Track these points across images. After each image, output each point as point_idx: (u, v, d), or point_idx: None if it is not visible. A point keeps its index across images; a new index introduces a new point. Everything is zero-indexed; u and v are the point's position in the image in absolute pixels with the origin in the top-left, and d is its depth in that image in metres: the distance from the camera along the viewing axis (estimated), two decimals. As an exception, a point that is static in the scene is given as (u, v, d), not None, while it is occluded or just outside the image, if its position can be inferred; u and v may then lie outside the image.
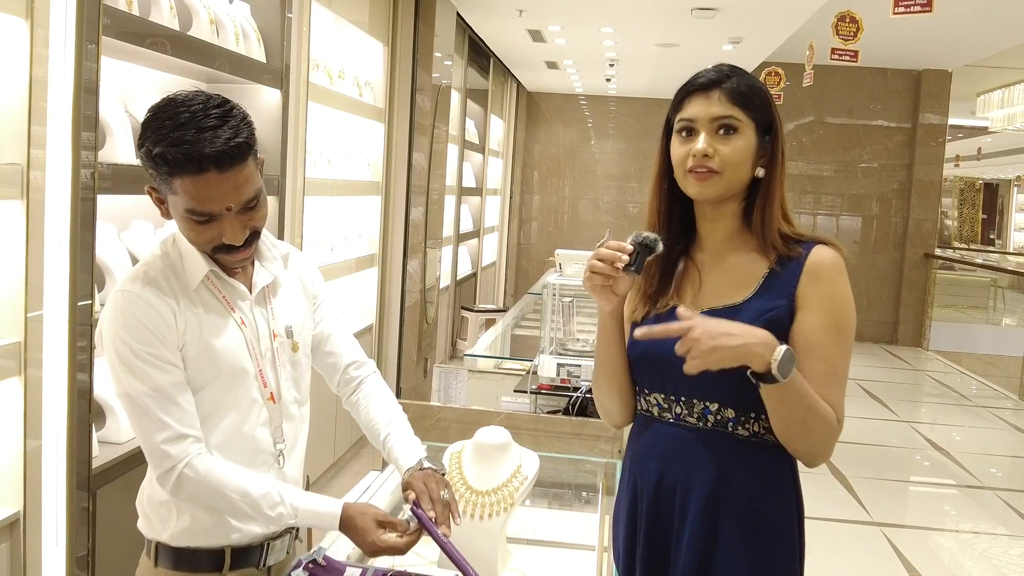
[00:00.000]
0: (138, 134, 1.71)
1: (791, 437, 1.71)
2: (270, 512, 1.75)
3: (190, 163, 1.63)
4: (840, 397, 1.75)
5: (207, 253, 1.77)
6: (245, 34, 3.81)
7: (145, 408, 1.70)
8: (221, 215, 1.69)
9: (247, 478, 1.75)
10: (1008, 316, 13.26)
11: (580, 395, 3.80)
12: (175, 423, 1.70)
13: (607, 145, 13.90)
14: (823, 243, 1.78)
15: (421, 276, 6.95)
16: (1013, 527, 5.53)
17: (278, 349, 1.88)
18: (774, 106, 1.82)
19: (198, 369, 1.76)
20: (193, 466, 1.71)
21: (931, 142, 12.13)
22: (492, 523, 1.97)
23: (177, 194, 1.67)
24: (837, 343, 1.74)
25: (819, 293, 1.74)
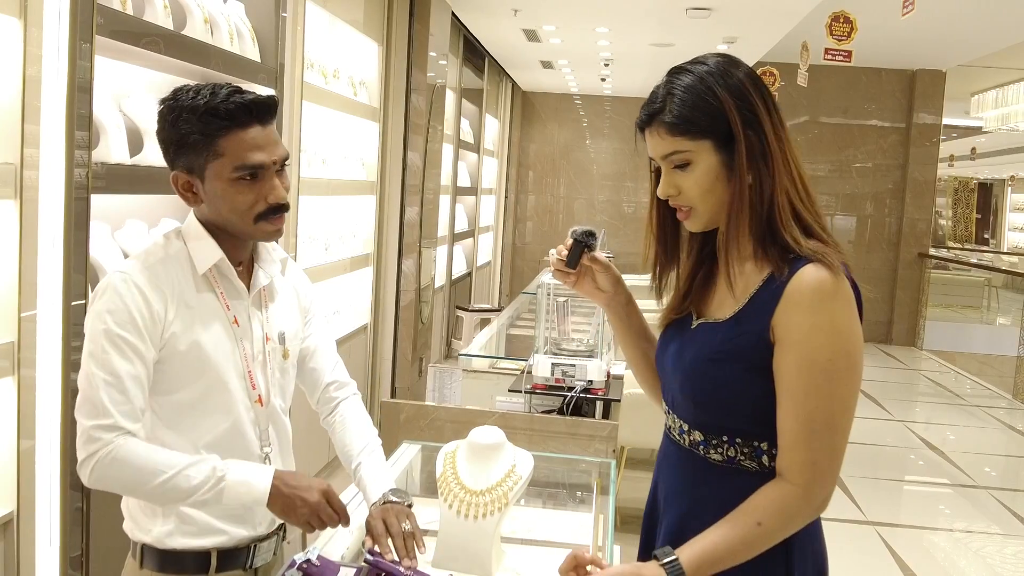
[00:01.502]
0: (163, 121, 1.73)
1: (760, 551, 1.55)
2: (190, 494, 1.68)
3: (241, 112, 1.70)
4: (818, 456, 1.49)
5: (248, 226, 1.76)
6: (239, 33, 3.81)
7: (94, 389, 1.66)
8: (268, 170, 1.74)
9: (163, 457, 1.69)
10: (1002, 316, 13.28)
11: (574, 395, 3.80)
12: (118, 415, 1.66)
13: (602, 145, 13.90)
14: (815, 261, 1.52)
15: (416, 276, 6.95)
16: (1007, 526, 5.54)
17: (269, 353, 1.88)
18: (736, 109, 1.55)
19: (186, 363, 1.75)
20: (113, 449, 1.66)
21: (925, 142, 12.15)
22: (486, 523, 1.96)
23: (223, 156, 1.70)
24: (817, 385, 1.48)
25: (796, 324, 1.50)
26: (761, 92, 1.59)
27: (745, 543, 1.52)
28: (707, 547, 1.53)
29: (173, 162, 1.76)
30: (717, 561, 1.52)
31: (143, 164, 3.11)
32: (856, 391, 1.53)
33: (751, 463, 1.58)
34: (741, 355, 1.55)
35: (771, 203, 1.56)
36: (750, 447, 1.58)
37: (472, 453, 2.07)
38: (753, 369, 1.54)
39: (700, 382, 1.61)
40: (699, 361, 1.61)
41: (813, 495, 1.52)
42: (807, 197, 1.60)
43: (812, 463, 1.50)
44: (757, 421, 1.57)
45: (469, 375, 4.30)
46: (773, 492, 1.53)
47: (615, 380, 4.17)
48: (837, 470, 1.53)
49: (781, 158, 1.57)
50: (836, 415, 1.50)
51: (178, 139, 1.71)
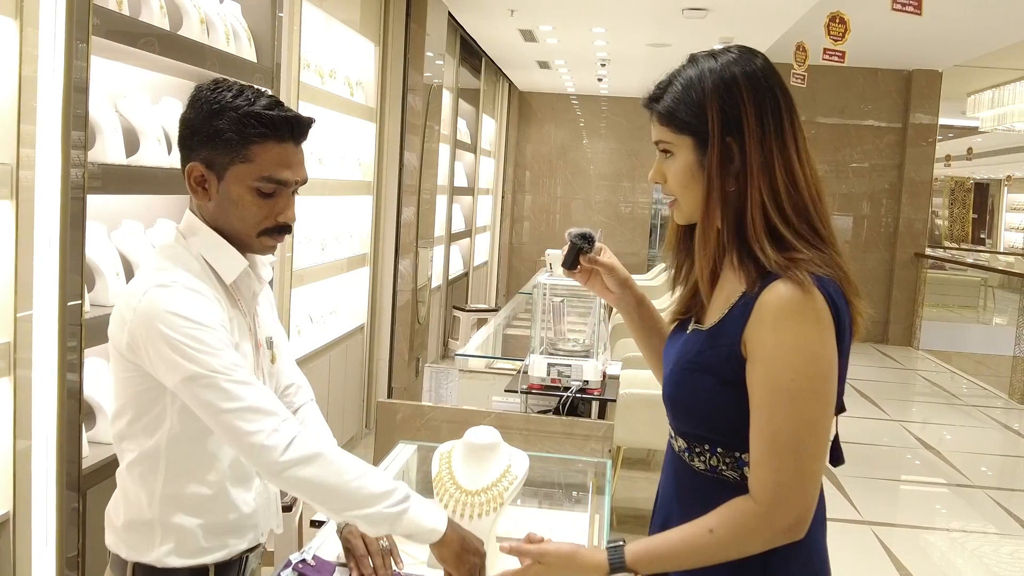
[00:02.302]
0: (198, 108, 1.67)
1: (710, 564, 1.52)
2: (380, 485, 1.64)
3: (284, 125, 1.65)
4: (781, 475, 1.44)
5: (250, 237, 1.72)
6: (235, 34, 3.81)
7: (222, 390, 1.57)
8: (287, 188, 1.70)
9: (366, 469, 1.65)
10: (998, 315, 13.31)
11: (570, 395, 3.81)
12: (264, 404, 1.59)
13: (599, 145, 13.91)
14: (783, 277, 1.46)
15: (413, 276, 6.95)
16: (1003, 526, 5.55)
17: (262, 358, 1.85)
18: (717, 112, 1.51)
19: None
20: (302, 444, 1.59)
21: (922, 142, 12.16)
22: (482, 523, 1.96)
23: (251, 162, 1.66)
24: (781, 407, 1.43)
25: (761, 340, 1.46)
26: (758, 95, 1.52)
27: (693, 547, 1.50)
28: (654, 541, 1.54)
29: (193, 151, 1.68)
30: (660, 557, 1.51)
31: (139, 164, 3.12)
32: (822, 413, 1.46)
33: (733, 473, 1.54)
34: (714, 367, 1.52)
35: (742, 215, 1.51)
36: (732, 457, 1.54)
37: (468, 453, 2.07)
38: (726, 383, 1.51)
39: (676, 390, 1.60)
40: (677, 369, 1.60)
41: (775, 517, 1.46)
42: (796, 210, 1.52)
43: (776, 484, 1.45)
44: (734, 433, 1.52)
45: (465, 375, 4.30)
46: (735, 504, 1.49)
47: (611, 380, 4.18)
48: (808, 493, 1.47)
49: (761, 169, 1.50)
50: (802, 437, 1.44)
51: (211, 131, 1.65)
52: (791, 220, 1.50)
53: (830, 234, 1.54)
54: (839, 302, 1.49)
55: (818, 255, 1.50)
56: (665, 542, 1.52)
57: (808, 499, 1.47)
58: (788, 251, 1.49)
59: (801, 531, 1.48)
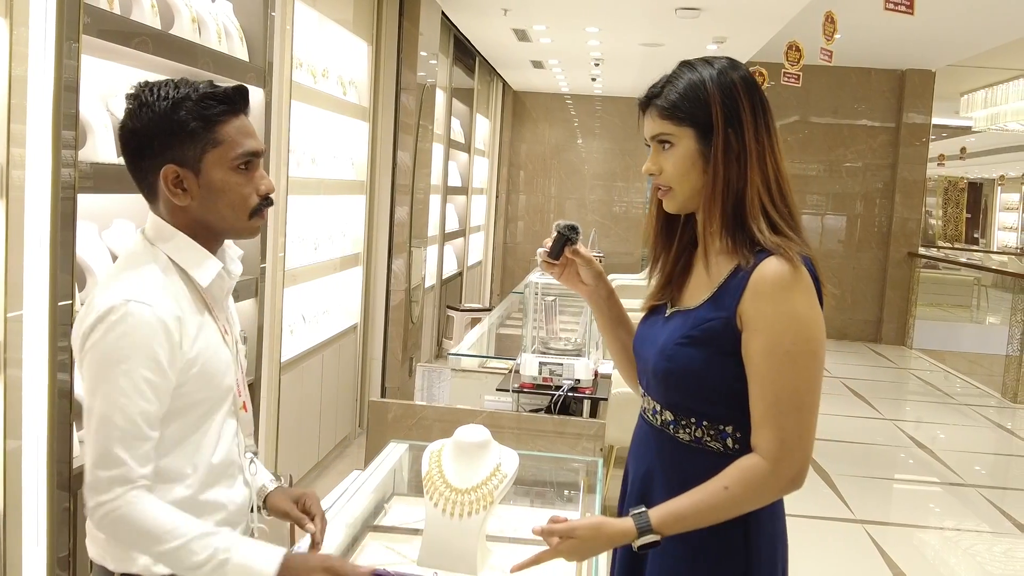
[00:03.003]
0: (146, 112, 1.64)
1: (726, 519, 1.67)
2: (194, 558, 1.57)
3: (238, 97, 1.67)
4: (786, 432, 1.62)
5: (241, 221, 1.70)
6: (227, 33, 3.80)
7: (107, 437, 1.56)
8: (258, 159, 1.72)
9: (177, 522, 1.59)
10: (992, 315, 13.33)
11: (562, 394, 3.81)
12: (132, 463, 1.56)
13: (593, 144, 13.91)
14: (776, 254, 1.64)
15: (406, 275, 6.95)
16: (996, 525, 5.57)
17: (238, 355, 1.83)
18: (720, 106, 1.68)
19: (199, 385, 1.67)
20: (126, 504, 1.56)
21: (915, 141, 12.18)
22: (472, 521, 1.97)
23: (223, 143, 1.65)
24: (783, 369, 1.61)
25: (760, 312, 1.62)
26: (751, 96, 1.71)
27: (711, 505, 1.64)
28: (675, 503, 1.67)
29: (157, 156, 1.64)
30: (683, 517, 1.65)
31: (130, 164, 3.11)
32: (819, 371, 1.65)
33: (716, 444, 1.71)
34: (710, 340, 1.68)
35: (741, 197, 1.68)
36: (716, 429, 1.70)
37: (458, 451, 2.08)
38: (721, 353, 1.67)
39: (671, 364, 1.72)
40: (670, 345, 1.73)
41: (781, 469, 1.63)
42: (780, 198, 1.71)
43: (780, 440, 1.62)
44: (723, 404, 1.69)
45: (458, 374, 4.30)
46: (744, 462, 1.65)
47: (603, 379, 4.18)
48: (807, 447, 1.65)
49: (757, 158, 1.69)
50: (801, 394, 1.62)
51: (173, 128, 1.62)
52: (778, 205, 1.70)
53: (800, 222, 1.75)
54: (816, 280, 1.68)
55: (798, 238, 1.70)
56: (686, 502, 1.66)
57: (808, 450, 1.65)
58: (778, 233, 1.68)
59: (800, 482, 1.65)
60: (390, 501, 2.51)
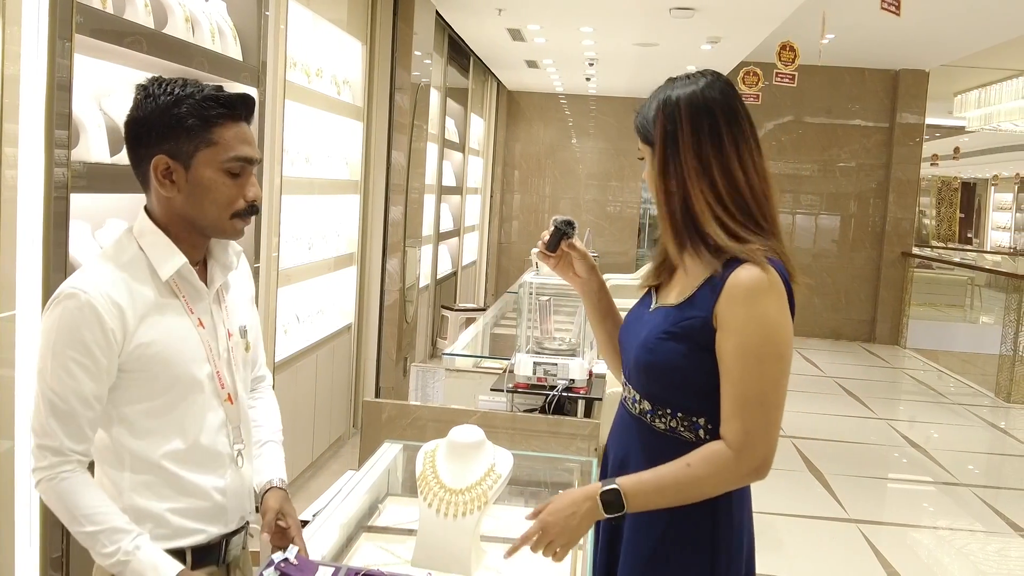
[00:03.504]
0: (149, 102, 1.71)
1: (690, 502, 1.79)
2: (101, 551, 1.66)
3: (239, 104, 1.73)
4: (749, 426, 1.73)
5: (222, 220, 1.76)
6: (221, 32, 3.79)
7: (41, 407, 1.67)
8: (251, 167, 1.77)
9: (96, 509, 1.67)
10: (985, 314, 13.36)
11: (556, 394, 3.81)
12: (63, 436, 1.66)
13: (587, 144, 13.91)
14: (749, 261, 1.75)
15: (401, 275, 6.94)
16: (990, 524, 5.58)
17: (233, 349, 1.87)
18: (661, 122, 1.82)
19: (155, 373, 1.73)
20: (56, 481, 1.66)
21: (908, 141, 12.20)
22: (466, 521, 1.97)
23: (217, 144, 1.71)
24: (751, 368, 1.73)
25: (733, 315, 1.74)
26: (694, 115, 1.81)
27: (673, 478, 1.76)
28: (642, 475, 1.79)
29: (153, 146, 1.71)
30: (650, 488, 1.77)
31: (124, 163, 3.09)
32: (784, 372, 1.76)
33: (689, 434, 1.82)
34: (687, 336, 1.80)
35: (688, 209, 1.81)
36: (689, 421, 1.82)
37: (452, 452, 2.07)
38: (697, 348, 1.78)
39: (651, 357, 1.84)
40: (652, 339, 1.85)
41: (743, 458, 1.74)
42: (735, 207, 1.80)
43: (745, 432, 1.73)
44: (697, 397, 1.81)
45: (452, 374, 4.29)
46: (711, 446, 1.77)
47: (597, 379, 4.17)
48: (770, 440, 1.75)
49: (697, 173, 1.80)
50: (767, 392, 1.74)
51: (171, 121, 1.69)
52: (735, 215, 1.79)
53: (773, 226, 1.83)
54: (786, 279, 1.78)
55: (762, 242, 1.78)
56: (649, 473, 1.78)
57: (771, 445, 1.75)
58: (739, 240, 1.78)
59: (764, 473, 1.76)
60: (384, 501, 2.51)
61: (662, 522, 1.82)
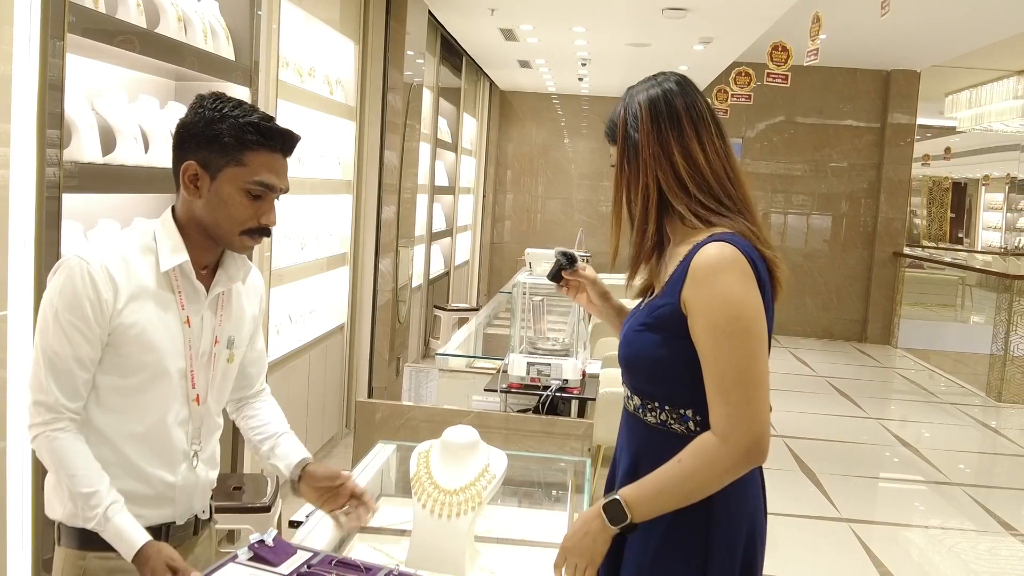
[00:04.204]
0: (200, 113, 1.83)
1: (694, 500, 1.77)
2: (87, 512, 1.77)
3: (277, 137, 1.84)
4: (732, 407, 1.71)
5: (232, 234, 1.86)
6: (213, 31, 3.79)
7: (40, 365, 1.78)
8: (273, 194, 1.87)
9: (87, 472, 1.78)
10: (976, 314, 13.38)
11: (550, 394, 3.81)
12: (58, 392, 1.77)
13: (580, 144, 13.92)
14: (713, 240, 1.77)
15: (393, 275, 6.94)
16: (981, 523, 5.59)
17: (215, 355, 1.94)
18: (621, 125, 1.89)
19: (132, 352, 1.82)
20: (52, 437, 1.77)
21: (900, 142, 12.24)
22: (460, 522, 1.97)
23: (245, 166, 1.82)
24: (721, 347, 1.71)
25: (697, 295, 1.75)
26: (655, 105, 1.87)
27: (669, 478, 1.75)
28: (642, 481, 1.79)
29: (189, 152, 1.84)
30: (649, 492, 1.76)
31: (116, 163, 3.09)
32: (757, 346, 1.72)
33: (680, 427, 1.82)
34: (660, 325, 1.81)
35: (645, 197, 1.86)
36: (677, 413, 1.82)
37: (446, 452, 2.07)
38: (673, 337, 1.79)
39: (629, 350, 1.88)
40: (630, 332, 1.89)
41: (731, 442, 1.71)
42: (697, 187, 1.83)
43: (728, 415, 1.71)
44: (680, 387, 1.80)
45: (445, 374, 4.29)
46: (699, 438, 1.75)
47: (590, 379, 4.18)
48: (757, 419, 1.71)
49: (654, 157, 1.84)
50: (744, 370, 1.71)
51: (210, 135, 1.81)
52: (699, 198, 1.83)
53: (742, 205, 1.86)
54: (753, 255, 1.77)
55: (727, 220, 1.82)
56: (650, 479, 1.77)
57: (758, 424, 1.71)
58: (705, 223, 1.82)
59: (760, 455, 1.73)
60: (378, 502, 2.50)
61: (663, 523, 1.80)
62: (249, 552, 1.84)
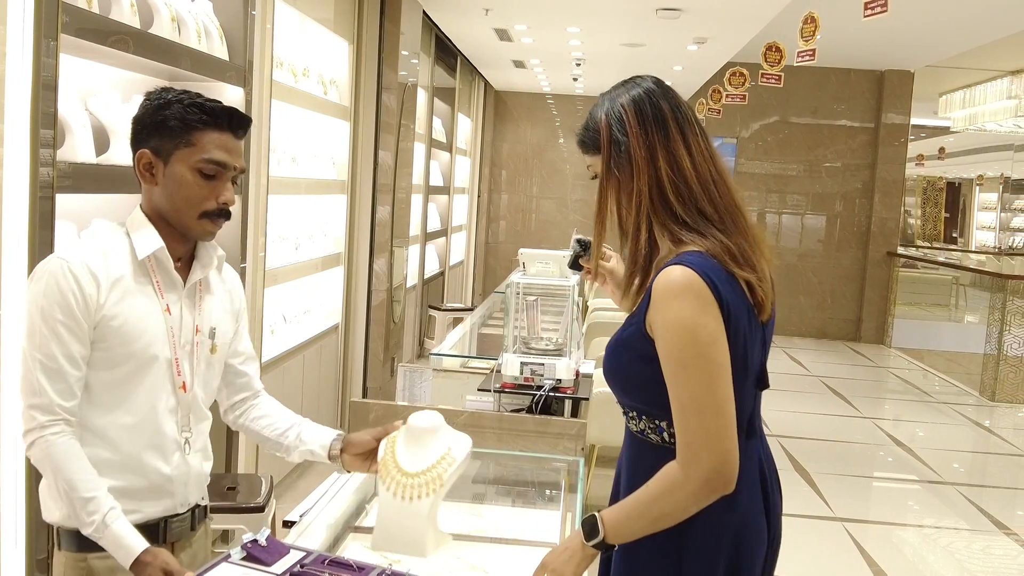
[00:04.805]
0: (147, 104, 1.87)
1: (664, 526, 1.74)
2: (84, 517, 1.77)
3: (222, 115, 1.87)
4: (691, 435, 1.66)
5: (192, 219, 1.88)
6: (207, 32, 3.78)
7: (31, 370, 1.78)
8: (226, 172, 1.89)
9: (85, 477, 1.78)
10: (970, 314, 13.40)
11: (543, 393, 3.81)
12: (53, 393, 1.78)
13: (575, 144, 13.82)
14: (675, 262, 1.72)
15: (388, 275, 6.94)
16: (975, 522, 5.61)
17: (198, 344, 1.96)
18: (605, 129, 1.85)
19: (116, 344, 1.84)
20: (49, 442, 1.77)
21: (894, 142, 12.26)
22: (421, 504, 1.97)
23: (194, 146, 1.85)
24: (678, 375, 1.67)
25: (656, 322, 1.72)
26: (640, 107, 1.82)
27: (639, 501, 1.73)
28: (618, 504, 1.78)
29: (142, 142, 1.88)
30: (622, 514, 1.75)
31: (109, 163, 3.09)
32: (714, 373, 1.66)
33: (655, 437, 1.81)
34: (628, 345, 1.80)
35: (638, 205, 1.81)
36: (654, 424, 1.80)
37: (410, 437, 2.09)
38: (638, 357, 1.77)
39: (607, 363, 1.87)
40: (609, 348, 1.87)
41: (690, 471, 1.67)
42: (676, 196, 1.78)
43: (686, 443, 1.68)
44: (652, 402, 1.78)
45: (440, 374, 4.29)
46: (666, 467, 1.72)
47: (584, 379, 4.18)
48: (714, 448, 1.66)
49: (647, 163, 1.79)
50: (698, 398, 1.66)
51: (158, 121, 1.85)
52: (674, 207, 1.78)
53: (729, 210, 1.80)
54: (717, 277, 1.70)
55: (701, 240, 1.75)
56: (624, 501, 1.76)
57: (717, 453, 1.66)
58: (677, 242, 1.77)
59: (721, 484, 1.67)
60: (371, 502, 2.51)
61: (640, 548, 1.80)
62: (242, 552, 1.84)
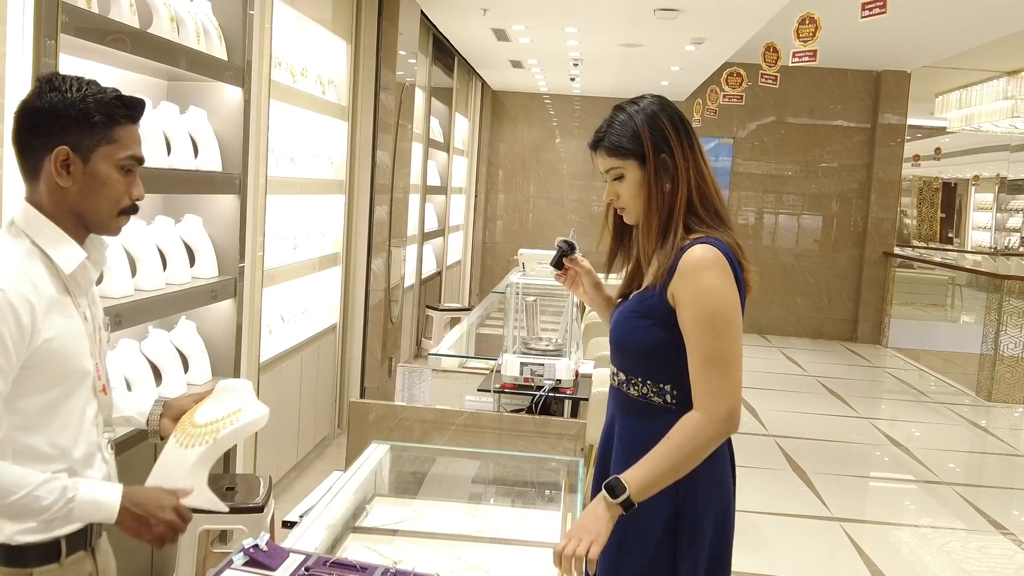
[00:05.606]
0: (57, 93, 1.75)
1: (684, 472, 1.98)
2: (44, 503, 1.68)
3: (138, 108, 1.83)
4: (714, 383, 1.96)
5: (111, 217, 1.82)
6: (206, 31, 3.79)
7: None
8: (139, 166, 1.85)
9: (23, 472, 1.69)
10: (966, 314, 13.45)
11: (543, 394, 3.82)
12: None
13: (572, 144, 13.93)
14: (699, 242, 2.02)
15: (385, 275, 6.94)
16: (971, 522, 5.62)
17: (100, 340, 1.92)
18: (648, 136, 2.07)
19: (54, 366, 1.75)
20: None
21: (890, 142, 12.28)
22: (191, 452, 1.95)
23: (116, 143, 1.79)
24: (706, 332, 1.98)
25: (685, 289, 2.00)
26: (674, 123, 2.11)
27: (660, 454, 1.97)
28: (639, 465, 1.97)
29: (55, 136, 1.75)
30: (645, 469, 1.96)
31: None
32: (737, 333, 2.00)
33: (658, 399, 2.09)
34: (648, 314, 2.08)
35: (672, 204, 2.08)
36: (657, 387, 2.09)
37: (214, 396, 2.07)
38: (657, 325, 2.06)
39: (620, 333, 2.15)
40: (621, 319, 2.16)
41: (712, 412, 1.96)
42: (707, 200, 2.10)
43: (710, 391, 1.97)
44: (661, 367, 2.07)
45: (438, 375, 4.29)
46: (683, 418, 1.99)
47: (583, 379, 4.19)
48: (733, 393, 1.97)
49: (684, 172, 2.08)
50: (723, 352, 1.98)
51: (77, 115, 1.75)
52: (697, 210, 2.08)
53: (727, 217, 2.13)
54: (731, 257, 2.04)
55: (713, 232, 2.06)
56: (646, 461, 1.97)
57: (734, 396, 1.98)
58: (692, 232, 2.07)
59: (735, 423, 1.98)
60: (371, 502, 2.51)
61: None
62: (244, 557, 1.83)
